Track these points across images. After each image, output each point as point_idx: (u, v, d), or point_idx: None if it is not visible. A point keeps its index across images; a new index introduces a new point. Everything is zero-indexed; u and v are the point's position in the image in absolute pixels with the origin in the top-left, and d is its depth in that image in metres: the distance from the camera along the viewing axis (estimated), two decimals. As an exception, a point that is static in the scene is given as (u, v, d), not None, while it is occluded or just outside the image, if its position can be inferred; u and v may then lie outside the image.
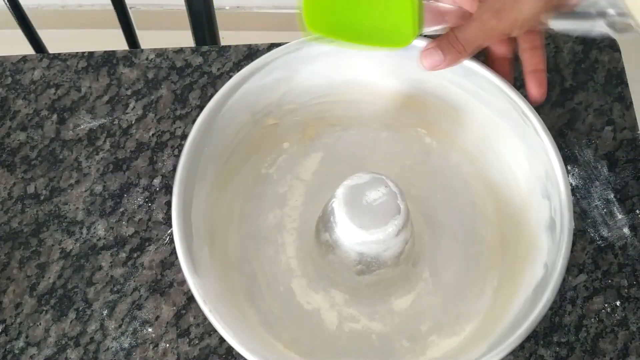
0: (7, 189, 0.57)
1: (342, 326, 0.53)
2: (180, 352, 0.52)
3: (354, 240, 0.48)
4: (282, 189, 0.57)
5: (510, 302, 0.49)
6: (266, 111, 0.54)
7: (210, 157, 0.51)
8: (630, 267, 0.55)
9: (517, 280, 0.49)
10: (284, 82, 0.53)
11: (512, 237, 0.53)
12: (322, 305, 0.54)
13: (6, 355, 0.52)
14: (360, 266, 0.49)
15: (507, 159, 0.53)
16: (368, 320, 0.53)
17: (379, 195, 0.47)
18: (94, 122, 0.60)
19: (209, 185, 0.52)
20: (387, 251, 0.48)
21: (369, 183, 0.48)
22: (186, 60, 0.63)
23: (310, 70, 0.53)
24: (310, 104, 0.56)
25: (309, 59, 0.52)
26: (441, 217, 0.56)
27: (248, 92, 0.52)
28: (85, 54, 0.63)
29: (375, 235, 0.47)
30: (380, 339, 0.53)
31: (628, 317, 0.53)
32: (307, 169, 0.58)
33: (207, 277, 0.48)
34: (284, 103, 0.55)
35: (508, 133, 0.52)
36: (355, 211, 0.47)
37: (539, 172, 0.49)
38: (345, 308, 0.53)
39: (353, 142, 0.58)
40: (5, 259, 0.55)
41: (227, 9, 1.39)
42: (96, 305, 0.54)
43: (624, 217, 0.57)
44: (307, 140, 0.59)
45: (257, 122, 0.54)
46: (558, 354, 0.52)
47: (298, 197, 0.57)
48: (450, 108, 0.54)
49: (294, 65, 0.52)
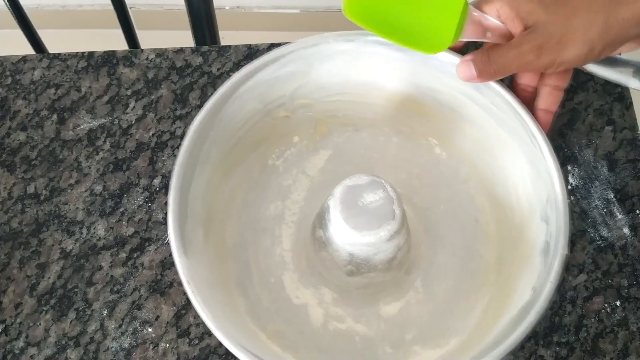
0: (7, 189, 0.57)
1: (327, 324, 0.53)
2: (180, 352, 0.52)
3: (346, 240, 0.48)
4: (286, 181, 0.58)
5: (496, 322, 0.49)
6: (278, 103, 0.55)
7: (215, 141, 0.52)
8: (630, 267, 0.55)
9: (507, 301, 0.50)
10: (299, 76, 0.54)
11: (508, 257, 0.53)
12: (310, 302, 0.54)
13: (6, 355, 0.52)
14: (350, 267, 0.49)
15: (513, 178, 0.53)
16: (354, 321, 0.53)
17: (376, 198, 0.48)
18: (94, 122, 0.61)
19: (211, 169, 0.52)
20: (378, 255, 0.48)
21: (368, 185, 0.48)
22: (186, 60, 0.63)
23: (327, 68, 0.54)
24: (324, 101, 0.56)
25: (326, 55, 0.53)
26: (441, 230, 0.56)
27: (261, 82, 0.52)
28: (85, 54, 0.63)
29: (366, 238, 0.47)
30: (363, 342, 0.53)
31: (628, 317, 0.53)
32: (314, 165, 0.59)
33: (196, 259, 0.48)
34: (297, 97, 0.55)
35: (516, 152, 0.52)
36: (350, 211, 0.47)
37: (541, 195, 0.49)
38: (332, 307, 0.54)
39: (363, 144, 0.58)
40: (5, 259, 0.55)
41: (227, 9, 1.39)
42: (96, 305, 0.54)
43: (624, 217, 0.57)
44: (318, 137, 0.59)
45: (269, 113, 0.55)
46: (558, 354, 0.52)
47: (301, 192, 0.57)
48: (463, 121, 0.54)
49: (310, 61, 0.53)
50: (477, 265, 0.54)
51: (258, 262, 0.55)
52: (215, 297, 0.48)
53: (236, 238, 0.55)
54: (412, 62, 0.52)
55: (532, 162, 0.50)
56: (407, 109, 0.56)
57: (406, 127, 0.57)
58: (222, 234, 0.54)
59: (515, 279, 0.50)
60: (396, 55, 0.51)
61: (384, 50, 0.52)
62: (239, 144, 0.54)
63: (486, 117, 0.52)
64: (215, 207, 0.53)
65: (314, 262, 0.53)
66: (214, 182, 0.53)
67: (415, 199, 0.55)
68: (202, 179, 0.51)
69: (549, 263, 0.46)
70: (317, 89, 0.55)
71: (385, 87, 0.55)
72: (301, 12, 1.41)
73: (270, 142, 0.57)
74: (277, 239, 0.56)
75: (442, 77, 0.52)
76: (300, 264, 0.55)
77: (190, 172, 0.49)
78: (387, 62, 0.53)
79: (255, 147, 0.56)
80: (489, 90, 0.49)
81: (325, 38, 0.51)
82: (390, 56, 0.52)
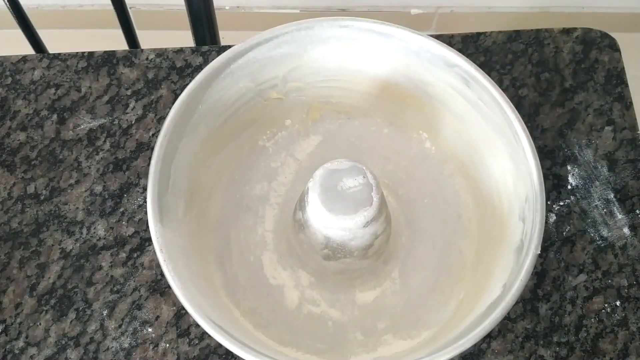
0: (7, 189, 0.58)
1: (302, 307, 0.57)
2: (180, 352, 0.52)
3: (322, 223, 0.51)
4: (274, 163, 0.61)
5: (466, 317, 0.52)
6: (271, 84, 0.58)
7: (204, 116, 0.55)
8: (630, 267, 0.56)
9: (480, 297, 0.53)
10: (293, 58, 0.57)
11: (486, 254, 0.57)
12: (286, 283, 0.58)
13: (6, 355, 0.52)
14: (327, 250, 0.53)
15: (496, 176, 0.57)
16: (328, 306, 0.57)
17: (355, 184, 0.51)
18: (94, 122, 0.61)
19: (198, 143, 0.56)
20: (354, 241, 0.52)
21: (348, 170, 0.51)
22: (186, 60, 0.63)
23: (320, 52, 0.57)
24: (317, 85, 0.60)
25: (320, 39, 0.56)
26: (423, 223, 0.60)
27: (253, 60, 0.56)
28: (85, 54, 0.64)
29: (342, 222, 0.50)
30: (335, 327, 0.56)
31: (628, 317, 0.54)
32: (303, 149, 0.62)
33: (174, 229, 0.52)
34: (290, 79, 0.59)
35: (501, 150, 0.55)
36: (328, 194, 0.50)
37: (521, 194, 0.53)
38: (308, 290, 0.57)
39: (354, 132, 0.62)
40: (5, 259, 0.55)
41: (227, 9, 1.40)
42: (96, 305, 0.54)
43: (624, 217, 0.58)
44: (310, 122, 0.63)
45: (261, 93, 0.59)
46: (558, 354, 0.53)
47: (288, 175, 0.61)
48: (452, 115, 0.59)
49: (304, 44, 0.56)
50: (455, 260, 0.58)
51: (239, 239, 0.59)
52: (190, 268, 0.52)
53: (219, 214, 0.59)
54: (406, 54, 0.55)
55: (515, 160, 0.53)
56: (399, 100, 0.60)
57: (398, 118, 0.62)
58: (206, 208, 0.58)
59: (489, 276, 0.54)
60: (390, 45, 0.55)
61: (377, 38, 0.53)
62: (230, 121, 0.59)
63: (473, 113, 0.56)
64: (200, 182, 0.58)
65: (293, 244, 0.58)
66: (201, 157, 0.57)
67: (400, 191, 0.58)
68: (187, 151, 0.55)
69: (521, 261, 0.49)
70: (310, 73, 0.59)
71: (379, 76, 0.59)
72: (301, 12, 1.42)
73: (261, 123, 0.62)
74: (260, 219, 0.60)
75: (433, 69, 0.55)
76: (281, 245, 0.59)
77: (175, 142, 0.53)
78: (381, 50, 0.56)
79: (246, 127, 0.61)
80: (477, 85, 0.53)
81: (320, 22, 0.55)
82: (383, 45, 0.54)
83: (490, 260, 0.55)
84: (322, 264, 0.55)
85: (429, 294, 0.57)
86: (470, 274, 0.57)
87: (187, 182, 0.55)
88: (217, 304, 0.54)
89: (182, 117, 0.53)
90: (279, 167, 0.61)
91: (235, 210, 0.60)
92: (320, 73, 0.59)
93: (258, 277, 0.58)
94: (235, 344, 0.47)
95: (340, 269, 0.55)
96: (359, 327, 0.56)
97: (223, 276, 0.57)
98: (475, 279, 0.56)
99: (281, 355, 0.53)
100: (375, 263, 0.57)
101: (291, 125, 0.62)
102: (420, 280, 0.58)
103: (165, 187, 0.52)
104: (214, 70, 0.54)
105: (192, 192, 0.56)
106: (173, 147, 0.53)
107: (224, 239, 0.59)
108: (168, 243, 0.50)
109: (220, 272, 0.57)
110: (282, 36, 0.55)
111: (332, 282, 0.58)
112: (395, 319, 0.56)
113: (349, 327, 0.56)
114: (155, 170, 0.51)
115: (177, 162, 0.54)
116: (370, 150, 0.62)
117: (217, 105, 0.56)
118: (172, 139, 0.52)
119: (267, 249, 0.59)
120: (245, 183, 0.61)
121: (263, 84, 0.58)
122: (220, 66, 0.54)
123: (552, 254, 0.60)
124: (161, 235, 0.50)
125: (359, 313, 0.57)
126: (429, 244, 0.59)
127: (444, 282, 0.57)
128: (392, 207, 0.58)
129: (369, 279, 0.58)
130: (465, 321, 0.51)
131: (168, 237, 0.50)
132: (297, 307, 0.57)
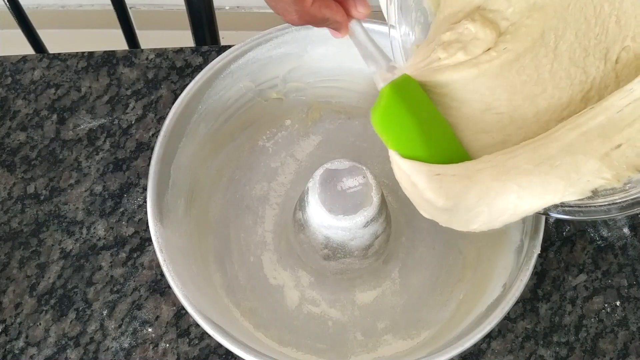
0: (7, 189, 0.58)
1: (302, 307, 0.57)
2: (180, 352, 0.52)
3: (322, 223, 0.52)
4: (274, 163, 0.62)
5: (466, 317, 0.52)
6: (271, 84, 0.59)
7: (204, 116, 0.56)
8: (630, 267, 0.56)
9: (479, 297, 0.54)
10: (293, 58, 0.58)
11: (486, 254, 0.57)
12: (287, 283, 0.58)
13: (6, 355, 0.52)
14: (327, 250, 0.54)
15: None
16: (328, 306, 0.57)
17: (355, 184, 0.52)
18: (94, 122, 0.61)
19: (198, 143, 0.56)
20: (354, 241, 0.52)
21: (348, 170, 0.52)
22: (186, 60, 0.63)
23: (320, 52, 0.58)
24: (317, 86, 0.62)
25: (319, 40, 0.57)
26: (424, 223, 0.59)
27: (253, 60, 0.57)
28: (85, 54, 0.64)
29: (342, 222, 0.51)
30: (335, 327, 0.57)
31: (628, 317, 0.54)
32: (303, 149, 0.63)
33: (174, 229, 0.53)
34: (290, 79, 0.60)
35: None
36: (328, 194, 0.51)
37: None
38: (308, 290, 0.58)
39: (354, 132, 0.63)
40: (5, 259, 0.55)
41: (227, 9, 1.40)
42: (96, 305, 0.54)
43: (624, 217, 0.57)
44: (310, 122, 0.64)
45: (261, 93, 0.60)
46: (558, 354, 0.53)
47: (288, 175, 0.62)
48: None
49: (304, 44, 0.57)
50: (455, 260, 0.59)
51: (239, 239, 0.60)
52: (190, 268, 0.53)
53: (219, 214, 0.60)
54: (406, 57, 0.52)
55: None
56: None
57: None
58: (206, 208, 0.59)
59: (489, 276, 0.55)
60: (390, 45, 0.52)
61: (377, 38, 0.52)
62: (230, 121, 0.60)
63: None
64: (201, 182, 0.59)
65: (293, 244, 0.59)
66: (201, 157, 0.57)
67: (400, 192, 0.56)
68: (187, 151, 0.55)
69: (521, 261, 0.50)
70: (310, 73, 0.60)
71: None
72: (301, 12, 1.41)
73: (261, 123, 0.63)
74: (260, 219, 0.60)
75: None
76: (281, 245, 0.60)
77: (175, 142, 0.54)
78: None
79: (246, 127, 0.62)
80: None
81: None
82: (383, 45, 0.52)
83: (490, 260, 0.56)
84: (322, 264, 0.56)
85: (430, 293, 0.58)
86: (470, 273, 0.58)
87: (187, 182, 0.56)
88: (217, 304, 0.55)
89: (182, 117, 0.54)
90: (278, 167, 0.62)
91: (235, 210, 0.60)
92: (320, 73, 0.60)
93: (258, 277, 0.58)
94: (235, 344, 0.48)
95: (340, 269, 0.56)
96: (359, 327, 0.57)
97: (223, 276, 0.58)
98: (475, 279, 0.57)
99: (281, 356, 0.54)
100: (375, 263, 0.57)
101: (291, 125, 0.63)
102: (420, 280, 0.58)
103: (165, 187, 0.53)
104: (214, 71, 0.55)
105: (192, 192, 0.57)
106: (173, 147, 0.54)
107: (224, 239, 0.59)
108: (168, 243, 0.51)
109: (220, 272, 0.58)
110: (282, 36, 0.56)
111: (332, 282, 0.58)
112: (395, 319, 0.57)
113: (349, 327, 0.57)
114: (155, 170, 0.52)
115: (177, 162, 0.54)
116: (369, 150, 0.62)
117: (217, 105, 0.57)
118: (172, 139, 0.53)
119: (267, 249, 0.59)
120: (245, 183, 0.61)
121: (263, 84, 0.59)
122: (220, 66, 0.55)
123: (552, 254, 0.61)
124: (161, 236, 0.50)
125: (359, 313, 0.57)
126: (430, 244, 0.59)
127: (445, 282, 0.58)
128: (392, 207, 0.58)
129: (369, 279, 0.58)
130: (465, 321, 0.52)
131: (168, 237, 0.51)
132: (297, 307, 0.57)
